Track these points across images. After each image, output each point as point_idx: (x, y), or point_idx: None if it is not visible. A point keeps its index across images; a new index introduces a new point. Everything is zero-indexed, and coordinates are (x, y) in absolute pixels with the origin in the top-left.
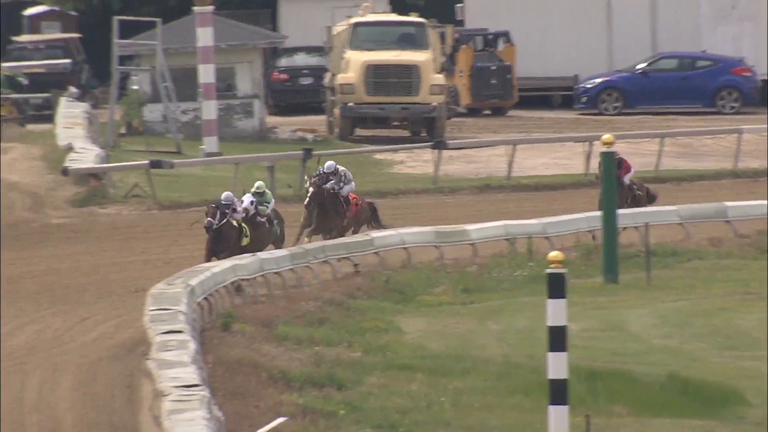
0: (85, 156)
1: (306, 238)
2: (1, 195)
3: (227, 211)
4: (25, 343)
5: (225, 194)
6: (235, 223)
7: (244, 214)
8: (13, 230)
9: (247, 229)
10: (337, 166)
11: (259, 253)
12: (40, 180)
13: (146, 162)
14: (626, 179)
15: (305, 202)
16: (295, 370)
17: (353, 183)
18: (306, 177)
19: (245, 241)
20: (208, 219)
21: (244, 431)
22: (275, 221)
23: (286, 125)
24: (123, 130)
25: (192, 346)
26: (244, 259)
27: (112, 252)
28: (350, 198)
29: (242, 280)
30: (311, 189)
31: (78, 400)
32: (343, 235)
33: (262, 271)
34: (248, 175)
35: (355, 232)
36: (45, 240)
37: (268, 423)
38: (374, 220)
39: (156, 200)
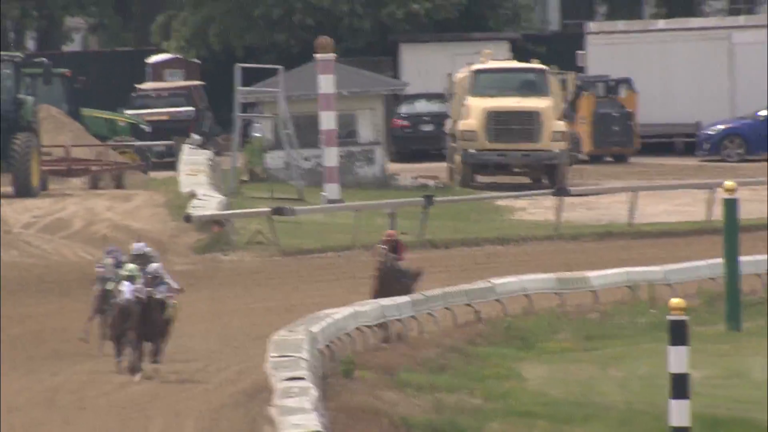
0: (208, 203)
1: None
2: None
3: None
4: (148, 390)
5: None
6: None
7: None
8: None
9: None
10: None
11: (380, 300)
12: (163, 227)
13: (268, 209)
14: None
15: None
16: (416, 417)
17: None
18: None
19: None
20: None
21: None
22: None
23: (407, 172)
24: (245, 177)
25: (314, 392)
26: (366, 306)
27: (234, 299)
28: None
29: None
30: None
31: None
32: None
33: (383, 317)
34: (369, 222)
35: None
36: None
37: None
38: None
39: (278, 247)
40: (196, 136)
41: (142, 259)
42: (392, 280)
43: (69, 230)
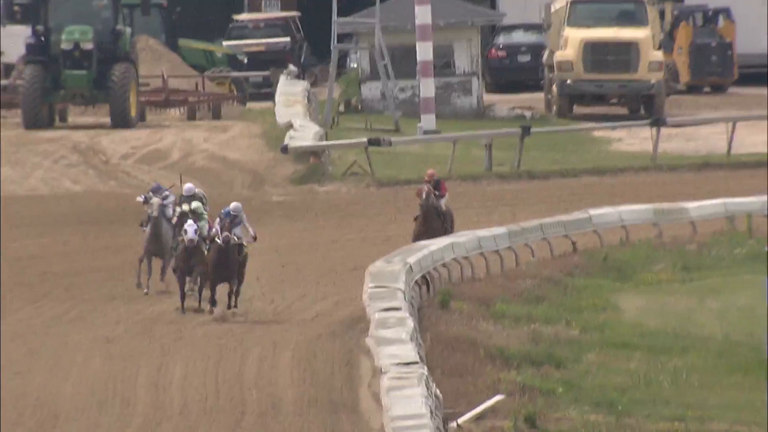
0: (304, 134)
1: None
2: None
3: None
4: (245, 320)
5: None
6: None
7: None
8: None
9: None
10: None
11: (477, 231)
12: (259, 158)
13: (364, 140)
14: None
15: None
16: (512, 348)
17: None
18: None
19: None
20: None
21: (461, 409)
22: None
23: (503, 102)
24: (341, 108)
25: (410, 323)
26: (462, 237)
27: (331, 230)
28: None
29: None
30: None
31: (297, 377)
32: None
33: (480, 249)
34: (465, 153)
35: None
36: (265, 218)
37: (485, 401)
38: None
39: (374, 178)
40: (292, 67)
41: (191, 200)
42: (434, 219)
43: (166, 161)
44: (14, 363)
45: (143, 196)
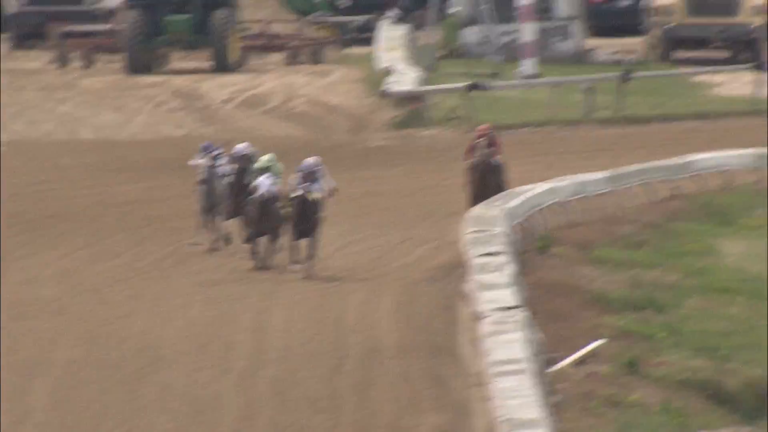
0: (404, 79)
1: None
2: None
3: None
4: (347, 264)
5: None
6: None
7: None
8: (334, 153)
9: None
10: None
11: (577, 176)
12: (359, 102)
13: (465, 84)
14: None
15: None
16: (613, 292)
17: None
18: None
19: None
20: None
21: (562, 353)
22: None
23: (604, 47)
24: (442, 53)
25: (510, 268)
26: (563, 181)
27: (430, 174)
28: None
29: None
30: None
31: (397, 321)
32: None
33: (580, 193)
34: (566, 97)
35: None
36: (365, 162)
37: (586, 345)
38: None
39: (474, 122)
40: (393, 11)
41: (244, 161)
42: (489, 176)
43: (267, 106)
44: (116, 306)
45: (194, 159)
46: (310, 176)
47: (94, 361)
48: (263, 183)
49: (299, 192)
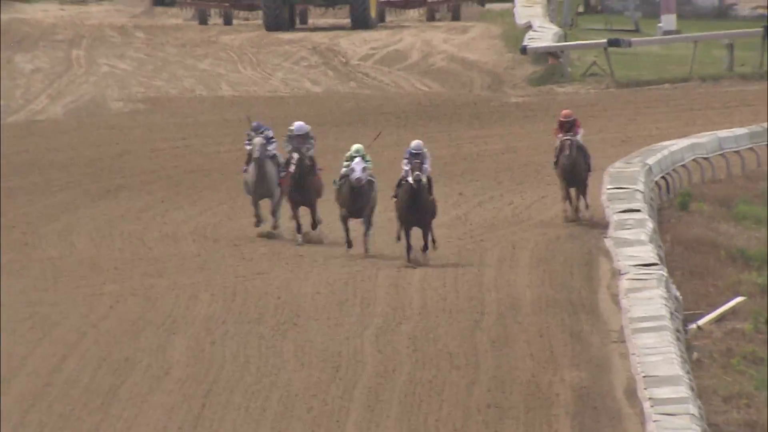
0: (544, 35)
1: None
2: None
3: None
4: (485, 221)
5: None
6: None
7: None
8: (473, 109)
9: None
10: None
11: (718, 132)
12: (498, 59)
13: (604, 41)
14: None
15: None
16: (753, 249)
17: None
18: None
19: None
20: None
21: (701, 310)
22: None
23: (746, 2)
24: (581, 9)
25: (650, 224)
26: (703, 137)
27: None
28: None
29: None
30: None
31: (536, 277)
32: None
33: (720, 149)
34: (706, 53)
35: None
36: (504, 119)
37: (726, 302)
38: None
39: (613, 79)
40: None
41: (301, 140)
42: (582, 163)
43: (406, 62)
44: (256, 263)
45: (246, 140)
46: (419, 160)
47: (234, 316)
48: (357, 165)
49: (410, 177)
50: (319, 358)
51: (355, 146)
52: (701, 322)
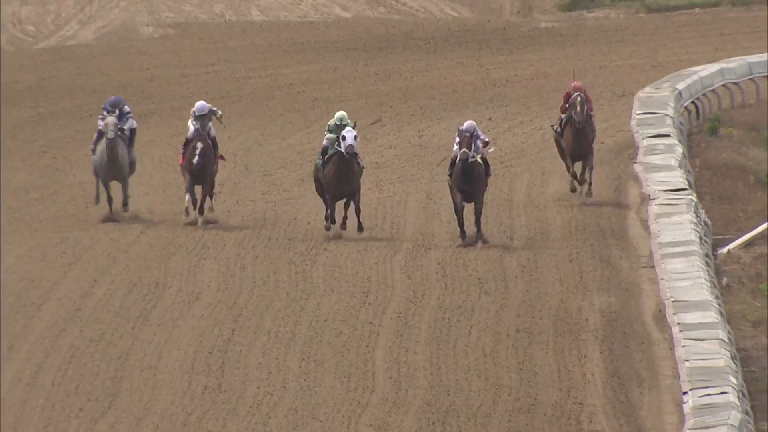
0: None
1: None
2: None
3: None
4: (514, 147)
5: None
6: None
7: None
8: (502, 34)
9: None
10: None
11: (748, 57)
12: None
13: None
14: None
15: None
16: None
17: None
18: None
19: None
20: None
21: (731, 235)
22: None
23: None
24: None
25: (679, 150)
26: (733, 63)
27: (599, 56)
28: None
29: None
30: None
31: (565, 202)
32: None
33: (750, 74)
34: None
35: None
36: (533, 44)
37: (755, 227)
38: None
39: (644, 4)
40: None
41: (204, 119)
42: (588, 134)
43: None
44: (286, 189)
45: (100, 116)
46: (470, 137)
47: (264, 241)
48: (349, 133)
49: (464, 157)
50: (348, 283)
51: (339, 113)
52: (730, 246)
